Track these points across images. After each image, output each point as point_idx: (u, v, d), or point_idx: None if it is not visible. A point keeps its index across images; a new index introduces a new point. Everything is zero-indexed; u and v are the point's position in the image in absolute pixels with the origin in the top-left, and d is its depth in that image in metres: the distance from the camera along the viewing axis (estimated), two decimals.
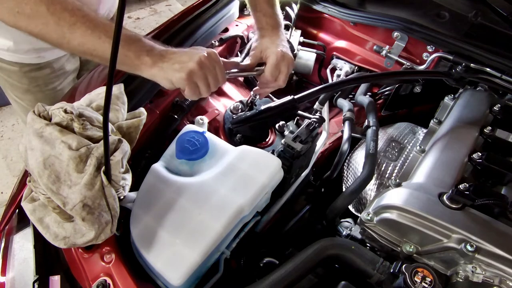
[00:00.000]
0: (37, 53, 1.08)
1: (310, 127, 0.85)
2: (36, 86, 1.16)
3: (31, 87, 1.16)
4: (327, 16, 1.38)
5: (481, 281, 0.66)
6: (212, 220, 0.71)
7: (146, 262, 0.70)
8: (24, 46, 1.04)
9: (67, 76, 1.22)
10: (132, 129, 0.78)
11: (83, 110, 0.72)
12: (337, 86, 1.12)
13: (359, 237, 0.84)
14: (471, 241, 0.67)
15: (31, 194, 0.73)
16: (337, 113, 1.33)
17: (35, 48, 1.06)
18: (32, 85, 1.15)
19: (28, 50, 1.06)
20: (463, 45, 1.09)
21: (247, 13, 1.34)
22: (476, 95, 1.08)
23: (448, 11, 1.20)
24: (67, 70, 1.21)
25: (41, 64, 1.12)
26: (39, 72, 1.13)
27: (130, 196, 0.78)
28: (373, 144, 1.00)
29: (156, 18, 3.51)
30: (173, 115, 0.99)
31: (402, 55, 1.26)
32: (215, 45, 1.19)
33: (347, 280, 0.69)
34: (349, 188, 0.92)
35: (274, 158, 0.81)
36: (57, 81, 1.19)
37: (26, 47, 1.04)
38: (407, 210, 0.73)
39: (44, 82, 1.16)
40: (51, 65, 1.14)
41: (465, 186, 0.74)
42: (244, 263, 0.87)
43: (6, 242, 0.85)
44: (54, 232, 0.68)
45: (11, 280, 0.78)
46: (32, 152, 0.66)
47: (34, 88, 1.16)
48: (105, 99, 0.56)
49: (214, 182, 0.77)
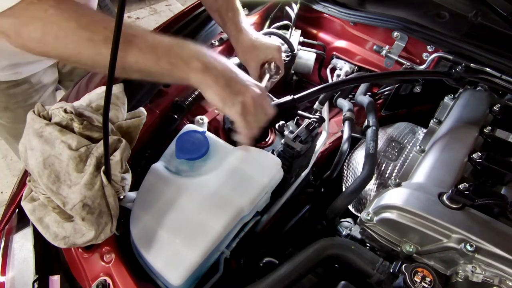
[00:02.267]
0: (14, 69, 1.04)
1: (310, 127, 0.85)
2: (15, 102, 1.12)
3: (9, 104, 1.11)
4: (327, 16, 1.38)
5: (481, 281, 0.66)
6: (212, 220, 0.71)
7: (146, 262, 0.70)
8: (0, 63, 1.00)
9: (46, 89, 1.18)
10: (132, 129, 0.78)
11: (83, 110, 0.72)
12: (337, 86, 1.12)
13: (359, 237, 0.84)
14: (471, 241, 0.67)
15: (31, 194, 0.73)
16: (337, 113, 1.33)
17: (12, 64, 1.02)
18: (11, 102, 1.11)
19: (5, 67, 1.02)
20: (463, 45, 1.09)
21: (247, 13, 1.34)
22: (476, 95, 1.08)
23: (448, 11, 1.20)
24: (45, 83, 1.17)
25: (18, 81, 1.08)
26: (17, 89, 1.09)
27: (130, 196, 0.78)
28: (373, 144, 1.00)
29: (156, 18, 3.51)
30: (173, 115, 0.99)
31: (402, 55, 1.26)
32: (215, 45, 1.19)
33: (347, 280, 0.69)
34: (349, 188, 0.92)
35: (274, 158, 0.81)
36: (36, 96, 1.15)
37: (2, 63, 1.00)
38: (407, 210, 0.73)
39: (23, 98, 1.12)
40: (28, 80, 1.10)
41: (465, 186, 0.74)
42: (244, 263, 0.87)
43: (6, 242, 0.85)
44: (54, 232, 0.68)
45: (11, 280, 0.78)
46: (32, 152, 0.66)
47: (13, 105, 1.12)
48: (105, 99, 0.56)
49: (214, 182, 0.77)
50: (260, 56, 0.96)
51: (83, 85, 0.98)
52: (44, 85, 1.17)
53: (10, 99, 1.11)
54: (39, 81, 1.14)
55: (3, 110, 1.13)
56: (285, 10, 1.37)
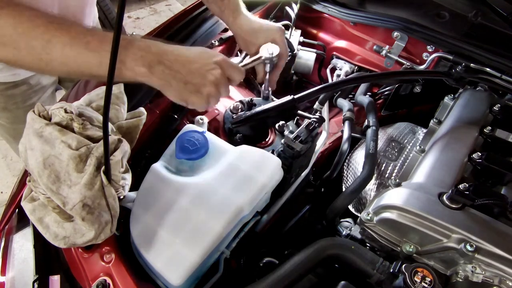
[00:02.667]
0: (12, 70, 1.03)
1: (310, 127, 0.85)
2: (13, 103, 1.11)
3: (8, 105, 1.11)
4: (327, 16, 1.38)
5: (481, 281, 0.66)
6: (212, 220, 0.71)
7: (146, 262, 0.70)
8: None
9: (46, 90, 1.18)
10: (132, 129, 0.78)
11: (83, 110, 0.72)
12: (337, 86, 1.12)
13: (359, 237, 0.84)
14: (471, 241, 0.67)
15: (31, 194, 0.73)
16: (337, 113, 1.33)
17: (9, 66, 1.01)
18: (9, 103, 1.10)
19: (2, 69, 1.02)
20: (463, 45, 1.09)
21: None
22: (476, 95, 1.08)
23: (448, 11, 1.20)
24: (45, 85, 1.16)
25: (17, 82, 1.07)
26: (15, 90, 1.08)
27: (130, 196, 0.78)
28: (373, 144, 1.00)
29: (156, 17, 3.51)
30: (173, 115, 0.99)
31: (402, 55, 1.26)
32: (215, 45, 1.19)
33: (347, 280, 0.69)
34: (349, 188, 0.92)
35: (274, 158, 0.81)
36: (35, 97, 1.14)
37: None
38: (407, 210, 0.73)
39: (22, 99, 1.11)
40: (27, 81, 1.09)
41: (465, 186, 0.74)
42: (244, 263, 0.87)
43: (6, 242, 0.85)
44: (54, 232, 0.68)
45: (11, 280, 0.78)
46: (32, 152, 0.66)
47: (12, 106, 1.11)
48: (105, 98, 0.56)
49: (214, 182, 0.77)
50: (260, 39, 0.91)
51: (83, 85, 0.98)
52: (43, 86, 1.16)
53: (8, 100, 1.10)
54: (38, 82, 1.13)
55: (2, 110, 1.13)
56: (285, 10, 1.37)
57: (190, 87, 0.67)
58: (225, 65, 0.72)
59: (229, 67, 0.72)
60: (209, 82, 0.69)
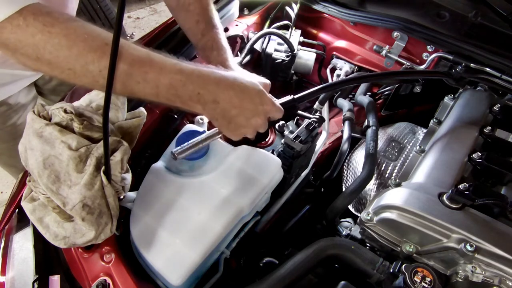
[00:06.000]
0: None
1: (310, 127, 0.85)
2: None
3: None
4: (327, 16, 1.38)
5: (481, 281, 0.66)
6: (212, 220, 0.71)
7: (146, 262, 0.70)
8: None
9: (26, 108, 1.15)
10: (132, 129, 0.78)
11: (83, 110, 0.72)
12: (337, 86, 1.12)
13: (359, 237, 0.84)
14: (470, 241, 0.67)
15: (31, 194, 0.73)
16: (337, 113, 1.33)
17: None
18: None
19: None
20: (463, 45, 1.09)
21: (247, 13, 1.34)
22: (476, 95, 1.08)
23: (448, 11, 1.20)
24: (24, 103, 1.13)
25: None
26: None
27: (130, 196, 0.78)
28: (373, 144, 1.00)
29: (156, 17, 3.51)
30: (173, 115, 0.99)
31: (402, 55, 1.26)
32: None
33: (347, 280, 0.69)
34: (349, 188, 0.92)
35: (274, 158, 0.81)
36: (16, 116, 1.12)
37: None
38: (407, 210, 0.73)
39: (2, 120, 1.09)
40: (6, 102, 1.07)
41: (465, 186, 0.74)
42: (244, 263, 0.87)
43: (6, 242, 0.85)
44: (54, 232, 0.68)
45: (11, 280, 0.78)
46: (32, 152, 0.66)
47: None
48: (105, 99, 0.56)
49: (214, 182, 0.77)
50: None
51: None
52: (23, 105, 1.13)
53: None
54: (17, 102, 1.10)
55: None
56: (285, 10, 1.37)
57: (232, 126, 0.69)
58: (271, 110, 0.72)
59: (273, 111, 0.73)
60: (251, 125, 0.71)
